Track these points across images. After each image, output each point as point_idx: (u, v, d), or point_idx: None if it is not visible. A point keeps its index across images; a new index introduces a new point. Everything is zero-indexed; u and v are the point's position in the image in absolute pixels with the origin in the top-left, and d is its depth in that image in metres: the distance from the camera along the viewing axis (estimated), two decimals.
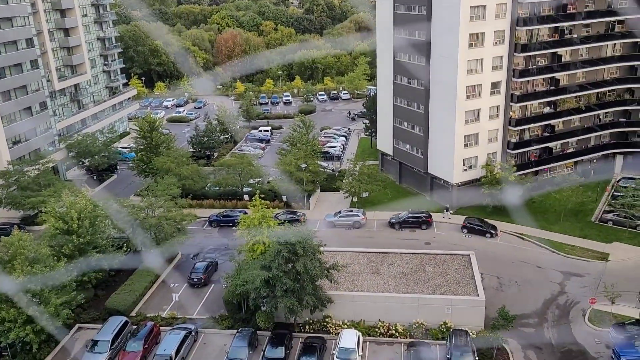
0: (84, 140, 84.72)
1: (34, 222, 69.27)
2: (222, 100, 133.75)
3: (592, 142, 76.25)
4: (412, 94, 72.09)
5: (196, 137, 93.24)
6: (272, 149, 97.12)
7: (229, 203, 73.58)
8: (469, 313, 45.43)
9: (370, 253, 53.95)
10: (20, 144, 78.01)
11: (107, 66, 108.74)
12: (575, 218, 65.58)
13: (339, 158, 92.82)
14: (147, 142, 79.78)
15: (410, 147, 74.85)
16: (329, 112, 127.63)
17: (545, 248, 59.95)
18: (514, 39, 65.55)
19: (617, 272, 53.96)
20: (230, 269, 50.67)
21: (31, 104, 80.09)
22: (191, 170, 74.63)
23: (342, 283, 48.27)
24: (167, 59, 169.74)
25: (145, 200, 59.23)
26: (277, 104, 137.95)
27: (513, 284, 53.29)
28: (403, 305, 46.14)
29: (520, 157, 71.96)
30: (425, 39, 67.07)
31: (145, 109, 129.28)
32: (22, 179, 69.75)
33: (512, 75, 66.72)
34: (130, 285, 52.50)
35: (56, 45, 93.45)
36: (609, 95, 75.30)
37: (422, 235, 63.79)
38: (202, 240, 64.99)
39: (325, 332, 46.22)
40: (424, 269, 50.66)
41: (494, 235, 62.46)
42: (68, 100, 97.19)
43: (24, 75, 78.27)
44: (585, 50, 71.24)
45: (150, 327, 46.20)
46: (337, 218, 67.29)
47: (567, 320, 47.62)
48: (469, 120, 66.18)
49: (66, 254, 48.50)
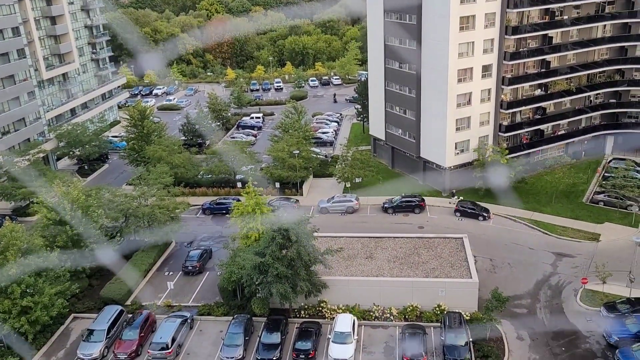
0: (74, 130, 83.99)
1: (25, 212, 68.88)
2: (212, 88, 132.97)
3: (583, 123, 76.57)
4: (404, 79, 71.91)
5: (187, 125, 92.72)
6: (264, 135, 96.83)
7: (222, 191, 73.48)
8: (462, 295, 45.83)
9: (364, 238, 54.15)
10: (10, 135, 77.25)
11: (95, 54, 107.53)
12: (566, 199, 66.06)
13: (331, 144, 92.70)
14: (138, 131, 79.32)
15: (402, 131, 74.86)
16: (320, 98, 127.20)
17: (537, 230, 60.42)
18: (504, 22, 65.35)
19: (608, 252, 54.56)
20: (225, 257, 50.74)
21: (19, 94, 79.22)
22: (183, 158, 74.40)
23: (336, 268, 48.50)
24: (156, 47, 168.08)
25: (138, 189, 59.01)
26: (269, 91, 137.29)
27: (506, 265, 53.76)
28: (397, 289, 46.47)
29: (512, 139, 72.19)
30: (416, 22, 66.76)
31: (135, 98, 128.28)
32: (12, 170, 69.20)
33: (503, 58, 66.65)
34: (124, 274, 52.36)
35: (43, 33, 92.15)
36: (600, 77, 75.52)
37: (415, 220, 64.05)
38: (196, 228, 64.95)
39: (320, 317, 46.52)
40: (417, 252, 50.97)
41: (487, 218, 62.82)
42: (57, 89, 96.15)
43: (10, 64, 77.30)
44: (575, 31, 71.24)
45: (145, 315, 46.32)
46: (331, 204, 67.40)
47: (559, 300, 48.19)
48: (460, 103, 66.19)
49: (59, 244, 48.33)
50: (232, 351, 42.26)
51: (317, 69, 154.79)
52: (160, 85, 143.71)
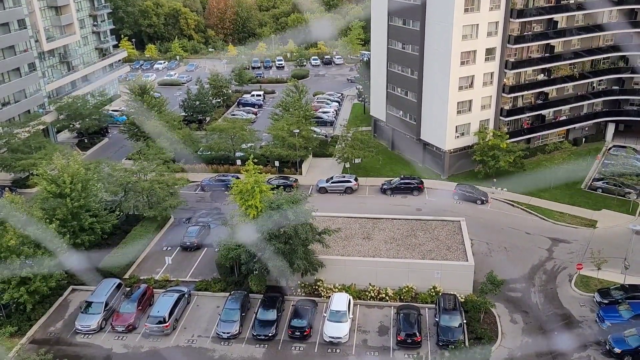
0: (74, 103, 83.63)
1: (25, 184, 69.02)
2: (214, 64, 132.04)
3: (585, 110, 76.31)
4: (406, 60, 71.44)
5: (188, 101, 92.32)
6: (264, 113, 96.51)
7: (221, 168, 73.52)
8: (458, 278, 46.21)
9: (361, 218, 54.36)
10: (10, 106, 77.01)
11: (96, 27, 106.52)
12: (565, 185, 66.13)
13: (331, 124, 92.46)
14: (139, 106, 78.96)
15: (403, 113, 74.63)
16: (322, 77, 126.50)
17: (534, 215, 60.66)
18: (510, 5, 64.70)
19: (604, 238, 54.87)
20: (223, 233, 51.00)
21: (19, 65, 78.80)
22: (183, 134, 74.24)
23: (333, 248, 48.80)
24: (158, 21, 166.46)
25: (137, 164, 59.03)
26: (270, 69, 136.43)
27: (502, 249, 54.10)
28: (393, 270, 46.81)
29: (513, 124, 72.07)
30: (420, 3, 66.10)
31: (136, 72, 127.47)
32: (12, 141, 69.13)
33: (507, 41, 66.18)
34: (123, 247, 52.78)
35: (44, 4, 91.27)
36: (604, 63, 75.04)
37: (413, 202, 64.25)
38: (195, 205, 65.14)
39: (316, 295, 46.95)
40: (414, 234, 51.23)
41: (485, 202, 63.02)
42: (57, 61, 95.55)
43: (11, 35, 76.72)
44: (581, 16, 70.61)
45: (143, 289, 46.73)
46: (330, 184, 67.52)
47: (553, 285, 48.61)
48: (462, 86, 65.90)
49: (59, 217, 48.52)
50: (229, 327, 42.73)
51: (320, 48, 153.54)
52: (161, 60, 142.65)
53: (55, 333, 43.97)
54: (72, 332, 43.85)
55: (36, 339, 43.42)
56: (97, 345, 42.57)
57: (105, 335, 43.57)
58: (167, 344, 42.61)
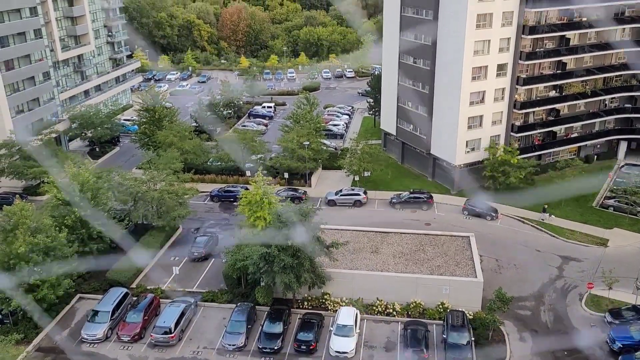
0: (87, 112, 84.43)
1: (36, 192, 69.51)
2: (225, 75, 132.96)
3: (597, 127, 75.75)
4: (418, 74, 71.50)
5: (199, 111, 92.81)
6: (275, 125, 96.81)
7: (230, 178, 73.66)
8: (466, 294, 45.74)
9: (370, 232, 54.11)
10: (24, 114, 77.81)
11: (111, 37, 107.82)
12: (576, 203, 65.51)
13: (341, 136, 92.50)
14: (150, 115, 79.57)
15: (413, 127, 74.55)
16: (333, 90, 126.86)
17: (545, 232, 60.07)
18: (522, 21, 64.66)
19: (615, 257, 54.15)
20: (231, 244, 50.95)
21: (34, 74, 79.73)
22: (193, 144, 74.59)
23: (341, 261, 48.54)
24: (172, 32, 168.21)
25: (148, 173, 59.31)
26: (281, 80, 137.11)
27: (511, 266, 53.55)
28: (401, 285, 46.45)
29: (524, 140, 71.69)
30: (432, 18, 66.28)
31: (149, 82, 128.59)
32: (24, 149, 69.74)
33: (519, 57, 66.03)
34: (131, 257, 52.76)
35: (60, 14, 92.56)
36: (616, 81, 74.61)
37: (422, 216, 63.91)
38: (204, 215, 65.24)
39: (323, 309, 46.66)
40: (423, 249, 50.89)
41: (495, 217, 62.56)
42: (71, 71, 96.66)
43: (27, 44, 77.73)
44: (593, 34, 70.39)
45: (150, 299, 46.70)
46: (339, 196, 67.39)
47: (563, 304, 47.96)
48: (473, 102, 65.76)
49: (68, 225, 48.73)
50: (235, 339, 42.52)
51: (331, 61, 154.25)
52: (174, 70, 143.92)
53: (61, 341, 43.91)
54: (77, 340, 43.82)
55: (42, 347, 43.41)
56: (103, 355, 42.48)
57: (111, 344, 43.48)
58: (173, 354, 42.45)
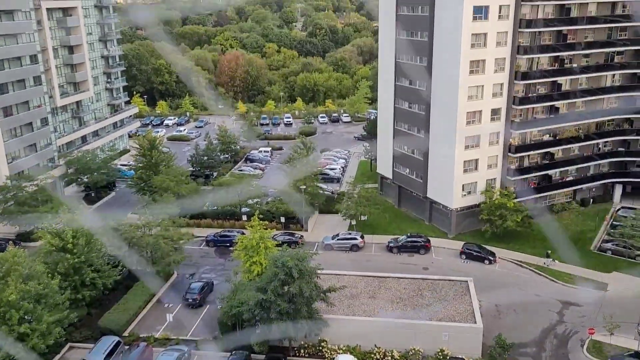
0: (83, 157, 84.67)
1: (29, 238, 68.80)
2: (223, 120, 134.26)
3: (592, 170, 76.26)
4: (413, 118, 72.36)
5: (196, 156, 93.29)
6: (271, 169, 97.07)
7: (226, 223, 73.30)
8: (466, 340, 44.87)
9: (367, 277, 53.52)
10: (20, 159, 77.87)
11: (109, 84, 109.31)
12: (574, 247, 65.21)
13: (338, 180, 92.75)
14: (147, 160, 79.83)
15: (409, 171, 74.85)
16: (329, 135, 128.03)
17: (543, 276, 59.53)
18: (514, 67, 66.04)
19: (615, 302, 53.48)
20: (226, 290, 50.18)
21: (32, 120, 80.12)
22: (190, 189, 74.53)
23: (338, 307, 47.78)
24: (170, 78, 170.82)
25: (143, 218, 58.96)
26: (278, 125, 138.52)
27: (511, 311, 52.77)
28: (400, 331, 45.58)
29: (520, 183, 71.88)
30: (426, 64, 67.62)
31: (146, 127, 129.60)
32: (19, 195, 69.49)
33: (512, 102, 67.07)
34: (124, 304, 51.92)
35: (60, 62, 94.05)
36: (608, 125, 75.60)
37: (420, 260, 63.39)
38: (199, 260, 64.53)
39: (320, 356, 45.59)
40: (421, 294, 50.21)
41: (493, 261, 62.08)
42: (69, 116, 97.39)
43: (26, 91, 78.51)
44: (584, 79, 71.73)
45: (142, 348, 45.57)
46: (335, 241, 66.95)
47: (565, 350, 47.06)
48: (469, 145, 66.30)
49: (61, 271, 48.03)
50: None
51: (327, 106, 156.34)
52: (172, 116, 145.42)
53: None
54: None
55: None
56: None
57: None
58: None
